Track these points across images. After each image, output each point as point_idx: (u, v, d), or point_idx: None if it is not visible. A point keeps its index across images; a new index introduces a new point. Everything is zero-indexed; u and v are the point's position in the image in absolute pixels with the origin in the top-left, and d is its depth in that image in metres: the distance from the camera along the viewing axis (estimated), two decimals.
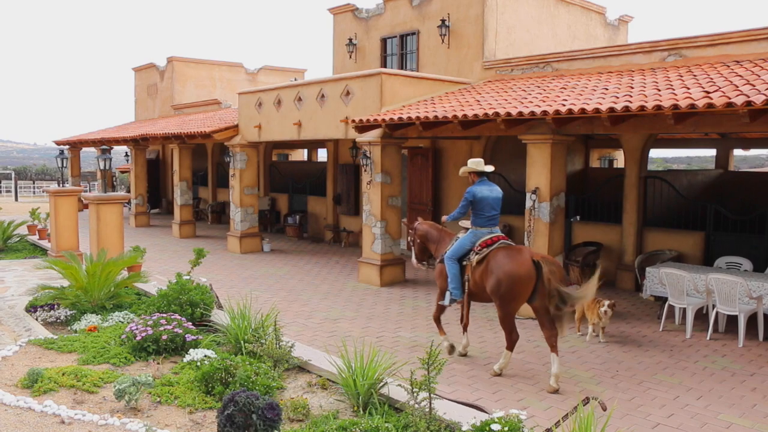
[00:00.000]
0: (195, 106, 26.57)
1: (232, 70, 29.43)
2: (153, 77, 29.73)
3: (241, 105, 17.53)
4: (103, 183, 14.07)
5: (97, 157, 15.48)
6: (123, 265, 10.57)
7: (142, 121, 29.86)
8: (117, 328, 8.87)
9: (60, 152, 19.10)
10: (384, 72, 13.26)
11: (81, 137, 28.69)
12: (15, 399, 6.39)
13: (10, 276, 13.75)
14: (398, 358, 7.39)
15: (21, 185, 49.49)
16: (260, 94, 16.74)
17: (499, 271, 7.51)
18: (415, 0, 16.35)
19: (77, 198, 15.77)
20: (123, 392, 6.23)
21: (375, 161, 12.88)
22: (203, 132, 17.69)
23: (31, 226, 19.74)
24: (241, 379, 6.36)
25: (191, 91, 28.26)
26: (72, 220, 15.22)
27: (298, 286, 12.74)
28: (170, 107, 28.14)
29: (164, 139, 20.68)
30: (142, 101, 30.91)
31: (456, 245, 8.16)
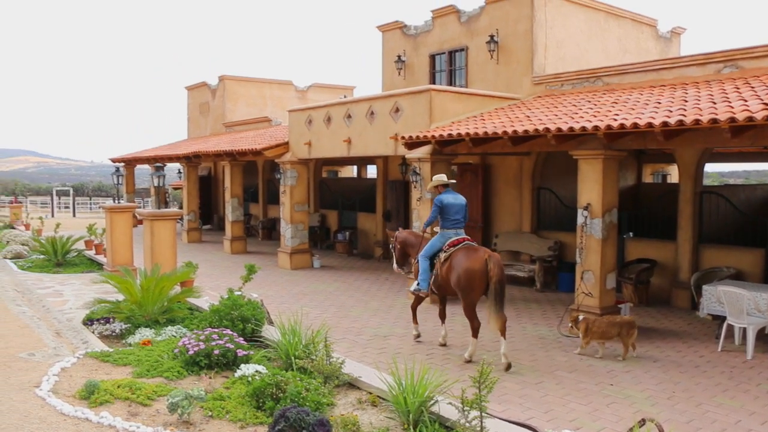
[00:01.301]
0: (246, 123, 26.98)
1: (282, 87, 29.82)
2: (205, 96, 30.31)
3: (292, 122, 17.74)
4: (157, 199, 14.36)
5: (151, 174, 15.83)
6: (176, 281, 10.76)
7: (195, 138, 30.43)
8: (170, 342, 9.02)
9: (116, 169, 19.59)
10: (433, 88, 13.29)
11: (136, 155, 29.39)
12: (73, 410, 6.56)
13: (68, 290, 14.13)
14: (449, 375, 7.34)
15: (78, 201, 50.90)
16: (310, 111, 16.93)
17: (459, 267, 8.85)
18: (464, 16, 16.38)
19: (132, 214, 16.14)
20: (176, 406, 6.33)
21: (425, 178, 12.89)
22: (254, 149, 17.95)
23: (88, 241, 20.25)
24: (291, 395, 6.39)
25: (242, 108, 28.71)
26: (127, 235, 15.58)
27: (348, 303, 12.79)
28: (222, 125, 28.63)
29: (216, 156, 21.04)
30: (195, 119, 31.53)
31: (428, 245, 9.49)
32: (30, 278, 15.81)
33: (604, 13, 16.22)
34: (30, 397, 7.06)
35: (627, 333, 8.89)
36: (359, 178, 27.77)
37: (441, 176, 9.73)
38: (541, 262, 14.01)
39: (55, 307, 12.22)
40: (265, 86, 29.51)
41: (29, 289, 14.27)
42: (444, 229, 9.35)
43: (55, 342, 9.66)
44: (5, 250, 20.14)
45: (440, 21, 17.13)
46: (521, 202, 15.23)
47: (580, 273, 10.32)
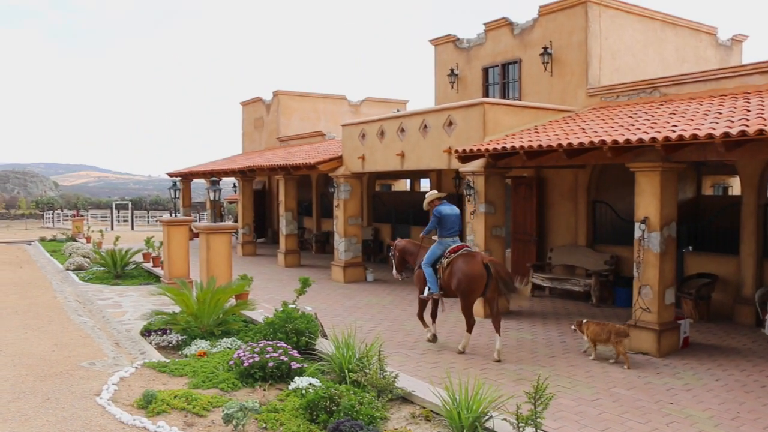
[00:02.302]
0: (300, 138, 27.28)
1: (336, 102, 30.08)
2: (259, 111, 30.77)
3: (345, 136, 17.87)
4: (213, 213, 14.62)
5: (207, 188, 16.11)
6: (231, 293, 10.91)
7: (249, 153, 30.88)
8: (225, 354, 9.15)
9: (173, 184, 20.01)
10: (486, 101, 13.24)
11: (192, 169, 29.96)
12: (131, 418, 6.71)
13: (127, 301, 14.46)
14: (503, 391, 7.25)
15: (137, 215, 52.11)
16: (363, 125, 17.03)
17: (459, 272, 9.79)
18: (517, 29, 16.30)
19: (188, 227, 16.44)
20: (231, 417, 6.41)
21: (478, 191, 12.82)
22: (308, 163, 18.12)
23: (146, 254, 20.71)
24: (345, 408, 6.40)
25: (296, 123, 29.04)
26: (183, 248, 15.88)
27: (402, 317, 12.77)
28: (276, 139, 29.00)
29: (270, 170, 21.31)
30: (249, 134, 32.00)
31: (428, 253, 10.37)
32: (91, 289, 16.24)
33: (661, 22, 15.94)
34: (91, 405, 7.24)
35: (616, 340, 9.30)
36: (412, 192, 27.76)
37: (434, 192, 10.86)
38: (597, 277, 13.77)
39: (114, 318, 12.51)
40: (318, 101, 29.81)
41: (90, 300, 14.65)
42: (442, 237, 10.28)
43: (115, 352, 9.89)
44: (68, 262, 20.73)
45: (493, 34, 17.08)
46: (576, 215, 15.01)
47: (638, 288, 10.10)
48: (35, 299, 14.85)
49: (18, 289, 16.51)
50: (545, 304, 14.10)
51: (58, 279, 18.46)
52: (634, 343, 9.93)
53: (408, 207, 22.13)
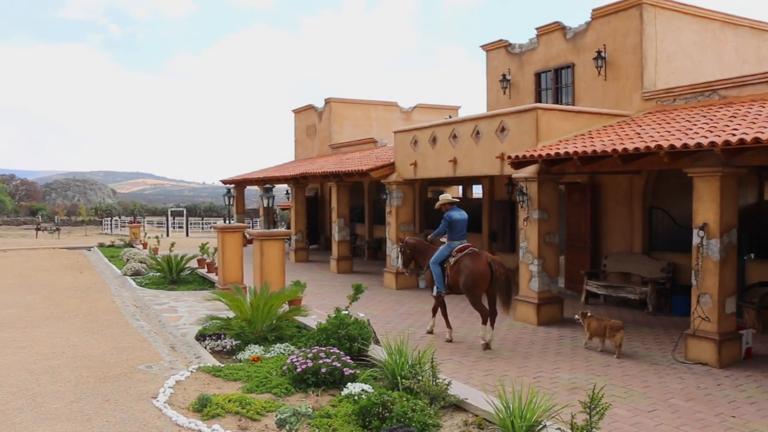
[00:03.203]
0: (351, 144, 27.42)
1: (387, 109, 30.14)
2: (312, 118, 31.03)
3: (397, 143, 17.90)
4: (266, 220, 14.77)
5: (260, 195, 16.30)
6: (285, 299, 11.01)
7: (302, 160, 31.16)
8: (278, 359, 9.24)
9: (227, 191, 20.30)
10: (539, 107, 13.11)
11: (245, 176, 30.37)
12: (187, 421, 6.83)
13: (182, 306, 14.73)
14: (557, 400, 7.16)
15: (191, 221, 53.05)
16: (415, 132, 17.03)
17: (465, 270, 10.67)
18: (569, 33, 16.11)
19: (242, 234, 16.66)
20: (284, 422, 6.46)
21: (532, 197, 12.70)
22: (360, 170, 18.19)
23: (201, 260, 21.05)
24: (397, 415, 6.40)
25: (348, 130, 29.19)
26: (237, 254, 16.10)
27: (454, 324, 12.66)
28: (328, 146, 29.21)
29: (323, 177, 21.46)
30: (302, 141, 32.30)
31: (437, 254, 11.29)
32: (147, 294, 16.58)
33: (720, 23, 15.55)
34: (148, 408, 7.40)
35: (610, 334, 10.15)
36: (465, 198, 27.62)
37: (447, 195, 11.75)
38: (653, 285, 13.48)
39: (170, 323, 12.75)
40: (370, 108, 29.92)
41: (147, 305, 14.97)
42: (450, 240, 11.19)
43: (171, 356, 10.08)
44: (125, 268, 21.21)
45: (545, 38, 16.92)
46: (632, 221, 14.74)
47: (696, 296, 9.85)
48: (95, 303, 15.24)
49: (79, 293, 16.96)
50: (599, 311, 13.84)
51: (116, 284, 18.91)
52: (692, 353, 9.70)
53: None
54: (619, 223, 15.06)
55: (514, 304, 10.89)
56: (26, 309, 14.49)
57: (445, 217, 11.24)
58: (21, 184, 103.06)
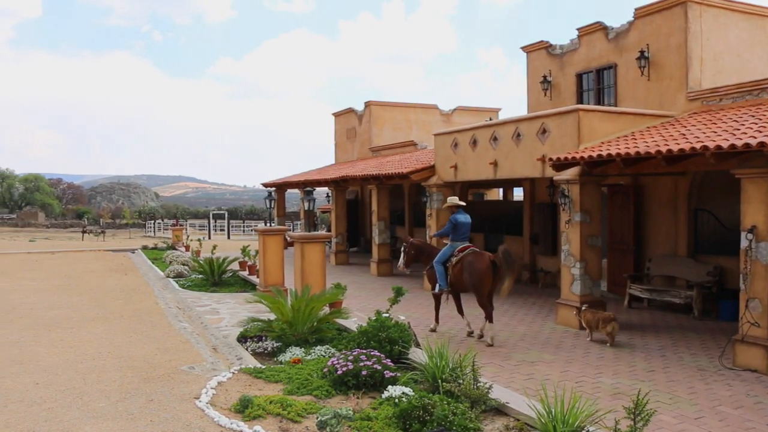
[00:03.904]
0: (391, 147, 27.44)
1: (427, 111, 30.09)
2: (351, 121, 31.14)
3: (437, 146, 17.85)
4: (307, 223, 14.88)
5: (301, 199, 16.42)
6: (325, 301, 11.06)
7: (342, 163, 31.27)
8: (319, 361, 9.27)
9: (268, 194, 20.51)
10: (581, 108, 12.96)
11: (286, 179, 30.59)
12: (229, 422, 6.90)
13: (224, 308, 14.88)
14: (600, 405, 7.05)
15: (232, 224, 53.62)
16: (456, 134, 16.97)
17: (469, 268, 11.27)
18: (611, 33, 15.90)
19: (283, 237, 16.77)
20: (325, 424, 6.48)
21: (573, 200, 12.55)
22: (400, 173, 18.19)
23: (242, 262, 21.25)
24: (438, 418, 6.37)
25: (388, 133, 29.21)
26: (278, 257, 16.21)
27: (495, 327, 12.58)
28: (368, 149, 29.27)
29: (363, 180, 21.50)
30: (342, 144, 32.42)
31: (441, 254, 11.95)
32: (190, 296, 16.80)
33: None
34: (191, 408, 7.49)
35: (602, 325, 11.03)
36: (505, 201, 27.47)
37: (454, 198, 12.42)
38: (699, 288, 13.21)
39: (212, 324, 12.90)
40: (410, 110, 29.91)
41: (189, 307, 15.16)
42: (453, 240, 11.89)
43: (213, 357, 10.19)
44: (168, 270, 21.53)
45: (587, 39, 16.72)
46: (676, 224, 14.47)
47: (745, 301, 9.61)
48: (139, 305, 15.49)
49: (123, 295, 17.26)
50: (643, 316, 13.64)
51: (159, 286, 19.20)
52: (741, 360, 9.47)
53: (501, 216, 21.88)
54: (663, 226, 14.80)
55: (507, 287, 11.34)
56: (73, 310, 14.79)
57: (451, 219, 11.96)
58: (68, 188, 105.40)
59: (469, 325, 12.01)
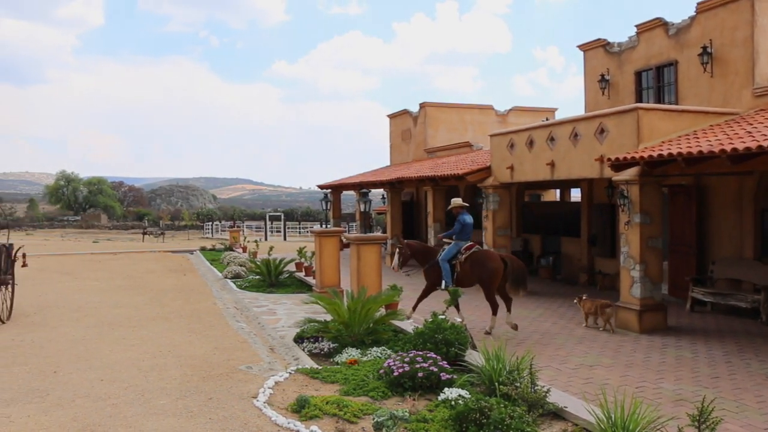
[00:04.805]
0: (447, 149, 27.33)
1: (483, 112, 29.88)
2: (407, 123, 31.12)
3: (493, 146, 17.71)
4: (363, 224, 14.90)
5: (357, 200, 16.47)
6: (381, 303, 11.07)
7: (397, 165, 31.29)
8: (375, 362, 9.28)
9: (324, 196, 20.62)
10: (640, 107, 12.69)
11: (341, 181, 30.75)
12: (286, 421, 6.96)
13: (281, 309, 15.03)
14: (662, 411, 6.87)
15: (289, 226, 54.20)
16: (511, 135, 16.81)
17: (483, 266, 11.98)
18: (672, 29, 15.52)
19: (339, 238, 16.85)
20: (381, 425, 6.48)
21: (633, 201, 12.29)
22: (456, 174, 18.11)
23: (298, 263, 21.44)
24: (495, 422, 6.30)
25: (443, 134, 29.10)
26: (334, 258, 16.29)
27: (552, 330, 12.44)
28: (423, 151, 29.22)
29: (418, 181, 21.48)
30: (397, 146, 32.44)
31: (446, 252, 12.42)
32: (247, 297, 17.03)
33: None
34: (248, 407, 7.59)
35: (600, 312, 12.22)
36: (563, 202, 27.07)
37: (459, 200, 12.91)
38: (767, 292, 12.78)
39: (269, 325, 13.04)
40: (465, 111, 29.74)
41: (246, 307, 15.36)
42: (458, 240, 12.39)
43: (270, 357, 10.29)
44: (226, 271, 21.87)
45: (646, 36, 16.36)
46: (742, 225, 14.04)
47: None
48: (197, 305, 15.77)
49: (182, 295, 17.59)
50: (707, 320, 13.27)
51: (217, 286, 19.51)
52: None
53: (558, 217, 21.58)
54: (727, 227, 14.37)
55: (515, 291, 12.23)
56: (135, 309, 15.14)
57: (459, 219, 12.46)
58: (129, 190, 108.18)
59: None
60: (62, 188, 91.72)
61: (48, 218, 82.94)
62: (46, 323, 13.45)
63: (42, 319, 13.96)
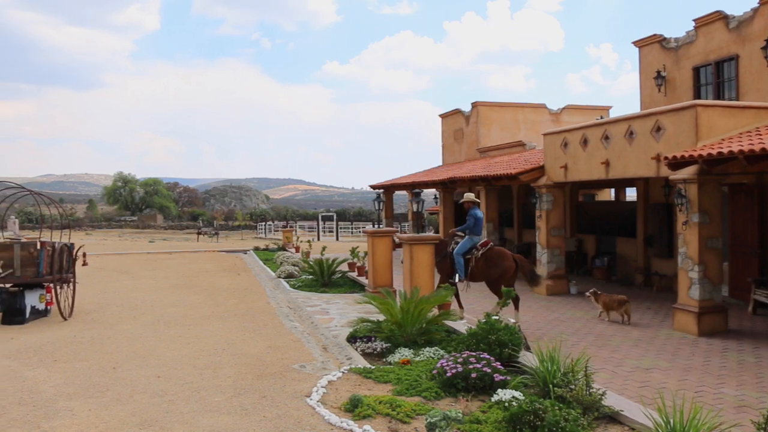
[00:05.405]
0: (499, 148, 27.11)
1: (535, 111, 29.55)
2: (459, 123, 30.98)
3: (546, 146, 17.50)
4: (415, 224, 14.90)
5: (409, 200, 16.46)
6: (434, 303, 11.03)
7: (449, 164, 31.16)
8: (428, 363, 9.25)
9: (377, 196, 20.69)
10: (699, 103, 12.37)
11: (394, 181, 30.76)
12: (339, 420, 6.99)
13: (333, 309, 15.10)
14: (723, 417, 6.68)
15: (341, 226, 54.50)
16: (565, 134, 16.58)
17: (498, 265, 12.57)
18: (732, 22, 15.11)
19: (391, 238, 16.86)
20: (434, 425, 6.45)
21: (691, 200, 11.99)
22: (509, 173, 17.95)
23: (351, 263, 21.52)
24: (549, 424, 6.23)
25: (496, 133, 28.87)
26: (387, 258, 16.31)
27: (607, 331, 12.23)
28: (475, 150, 29.04)
29: (471, 181, 21.35)
30: (449, 146, 32.31)
31: (461, 246, 12.91)
32: (300, 296, 17.16)
33: None
34: (302, 406, 7.64)
35: (618, 306, 12.88)
36: (618, 202, 26.60)
37: (471, 195, 13.39)
38: None
39: (322, 324, 13.11)
40: (517, 110, 29.46)
41: (299, 307, 15.48)
42: (472, 234, 12.91)
43: (323, 356, 10.35)
44: (279, 270, 22.08)
45: (704, 30, 15.96)
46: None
47: None
48: (251, 304, 15.96)
49: (236, 294, 17.84)
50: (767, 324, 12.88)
51: (270, 286, 19.72)
52: None
53: (613, 217, 21.22)
54: None
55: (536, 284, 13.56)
56: (190, 308, 15.41)
57: (472, 214, 12.92)
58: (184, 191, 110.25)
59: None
60: (119, 189, 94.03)
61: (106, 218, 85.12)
62: (105, 321, 13.79)
63: (101, 316, 14.32)
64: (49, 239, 15.37)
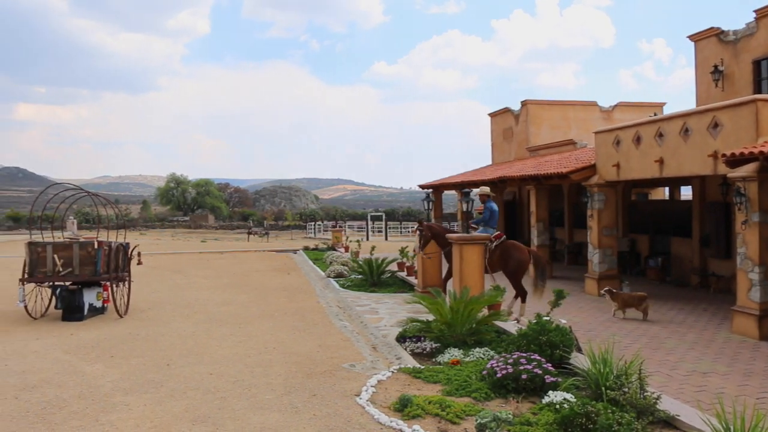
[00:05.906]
0: (549, 147, 26.76)
1: (586, 109, 29.10)
2: (508, 121, 30.70)
3: (598, 144, 17.20)
4: (464, 224, 14.79)
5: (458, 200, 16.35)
6: (484, 303, 10.94)
7: (499, 164, 30.91)
8: (478, 363, 9.18)
9: (426, 195, 20.61)
10: (759, 98, 11.98)
11: (442, 181, 30.64)
12: (388, 420, 6.98)
13: (383, 308, 15.11)
14: None
15: (390, 225, 54.51)
16: (617, 132, 16.27)
17: (513, 257, 13.13)
18: None
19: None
20: (484, 426, 6.39)
21: (751, 198, 11.63)
22: (560, 172, 17.70)
23: (400, 263, 21.50)
24: (602, 428, 6.11)
25: (546, 132, 28.52)
26: (436, 258, 16.23)
27: (661, 334, 11.95)
28: (525, 149, 28.73)
29: (521, 180, 21.13)
30: (498, 145, 32.05)
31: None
32: (349, 296, 17.21)
33: None
34: (351, 404, 7.65)
35: (638, 303, 13.17)
36: (672, 201, 26.02)
37: (487, 188, 14.18)
38: None
39: (371, 324, 13.12)
40: (568, 108, 29.05)
41: (349, 306, 15.52)
42: (487, 227, 13.38)
43: (372, 356, 10.35)
44: (329, 270, 22.19)
45: (766, 21, 15.47)
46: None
47: None
48: (301, 303, 16.07)
49: (287, 293, 17.98)
50: None
51: (320, 285, 19.82)
52: None
53: (667, 216, 20.76)
54: None
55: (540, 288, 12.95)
56: (241, 307, 15.59)
57: (488, 207, 13.47)
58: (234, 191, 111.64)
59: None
60: (172, 190, 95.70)
61: (159, 219, 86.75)
62: (158, 318, 14.04)
63: (155, 314, 14.58)
64: (106, 239, 15.72)
